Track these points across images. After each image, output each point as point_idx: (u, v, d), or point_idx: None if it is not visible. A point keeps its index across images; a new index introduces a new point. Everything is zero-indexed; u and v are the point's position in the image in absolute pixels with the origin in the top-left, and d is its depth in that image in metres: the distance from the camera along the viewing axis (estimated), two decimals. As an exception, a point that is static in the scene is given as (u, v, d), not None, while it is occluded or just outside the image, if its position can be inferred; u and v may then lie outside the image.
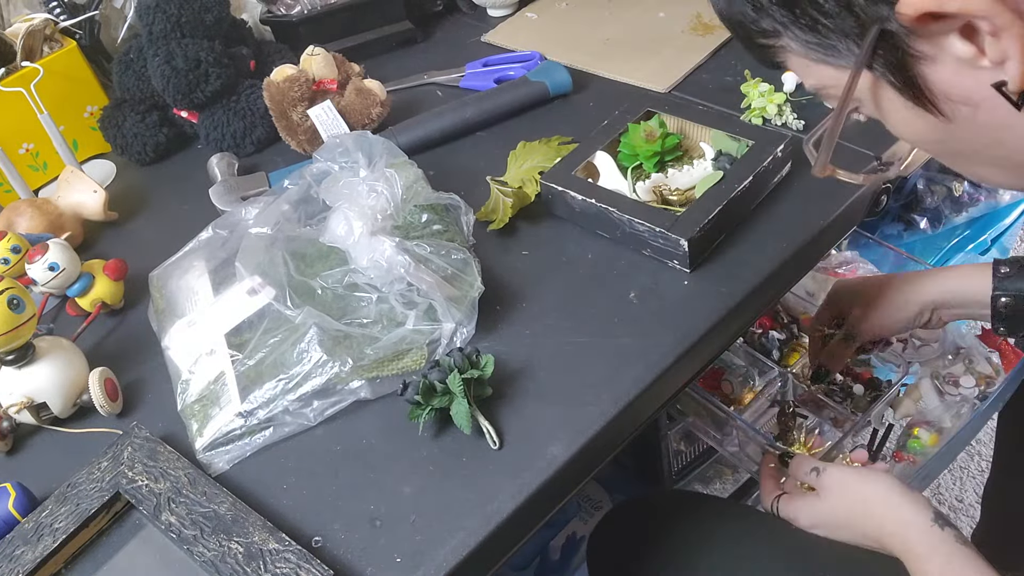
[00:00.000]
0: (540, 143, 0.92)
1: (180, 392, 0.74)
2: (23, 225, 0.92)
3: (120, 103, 1.08)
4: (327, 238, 0.77)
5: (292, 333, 0.73)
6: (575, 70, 1.03)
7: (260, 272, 0.76)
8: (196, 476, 0.66)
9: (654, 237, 0.75)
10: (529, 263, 0.81)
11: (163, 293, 0.83)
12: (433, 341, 0.72)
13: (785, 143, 0.79)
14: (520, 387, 0.70)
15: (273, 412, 0.69)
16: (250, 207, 0.83)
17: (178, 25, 1.00)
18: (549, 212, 0.84)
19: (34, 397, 0.74)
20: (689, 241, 0.73)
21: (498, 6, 1.20)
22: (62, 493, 0.67)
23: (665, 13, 1.11)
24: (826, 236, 0.79)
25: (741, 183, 0.76)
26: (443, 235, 0.79)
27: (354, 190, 0.77)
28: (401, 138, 0.95)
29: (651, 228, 0.75)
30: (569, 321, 0.74)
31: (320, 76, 1.00)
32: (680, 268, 0.75)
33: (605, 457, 0.69)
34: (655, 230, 0.74)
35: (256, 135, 1.05)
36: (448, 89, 1.09)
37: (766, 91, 0.88)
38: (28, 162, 1.07)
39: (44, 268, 0.80)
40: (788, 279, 0.79)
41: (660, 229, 0.74)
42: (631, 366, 0.69)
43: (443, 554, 0.60)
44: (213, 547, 0.61)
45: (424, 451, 0.67)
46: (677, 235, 0.73)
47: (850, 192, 0.80)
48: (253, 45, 1.12)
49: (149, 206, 1.03)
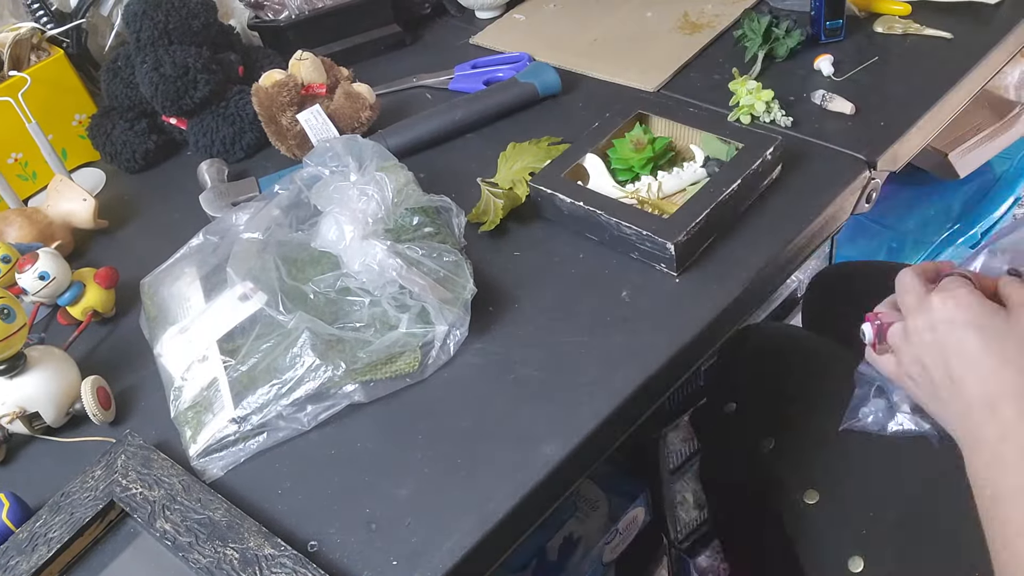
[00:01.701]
0: (530, 144, 0.92)
1: (173, 399, 0.73)
2: (13, 235, 0.92)
3: (108, 111, 1.08)
4: (318, 243, 0.76)
5: (284, 338, 0.72)
6: (564, 71, 1.03)
7: (251, 277, 0.76)
8: (190, 483, 0.66)
9: (641, 240, 0.75)
10: (521, 264, 0.81)
11: (154, 300, 0.83)
12: (426, 344, 0.72)
13: (775, 146, 0.79)
14: (514, 387, 0.70)
15: (267, 417, 0.69)
16: (241, 213, 0.83)
17: (165, 32, 1.00)
18: (539, 215, 0.84)
19: (26, 407, 0.74)
20: (676, 245, 0.72)
21: (486, 8, 1.21)
22: (56, 502, 0.67)
23: (652, 12, 1.12)
24: (816, 233, 0.79)
25: (729, 187, 0.76)
26: (434, 237, 0.79)
27: (345, 194, 0.77)
28: (391, 141, 0.95)
29: (638, 231, 0.75)
30: (561, 321, 0.74)
31: (309, 80, 1.00)
32: (667, 271, 0.75)
33: (599, 456, 0.69)
34: (642, 233, 0.74)
35: (245, 141, 1.05)
36: (437, 91, 1.09)
37: (754, 88, 0.89)
38: (17, 171, 1.07)
39: (34, 277, 0.80)
40: (779, 277, 0.79)
41: (647, 232, 0.74)
42: (624, 365, 0.69)
43: (439, 556, 0.60)
44: (208, 554, 0.61)
45: (419, 453, 0.67)
46: (664, 239, 0.73)
47: (839, 189, 0.80)
48: (241, 51, 1.12)
49: (139, 214, 1.03)
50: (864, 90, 0.91)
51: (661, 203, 0.81)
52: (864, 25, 1.00)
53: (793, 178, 0.82)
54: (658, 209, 0.80)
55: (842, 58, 0.94)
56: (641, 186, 0.82)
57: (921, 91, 0.89)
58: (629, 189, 0.82)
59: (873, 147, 0.83)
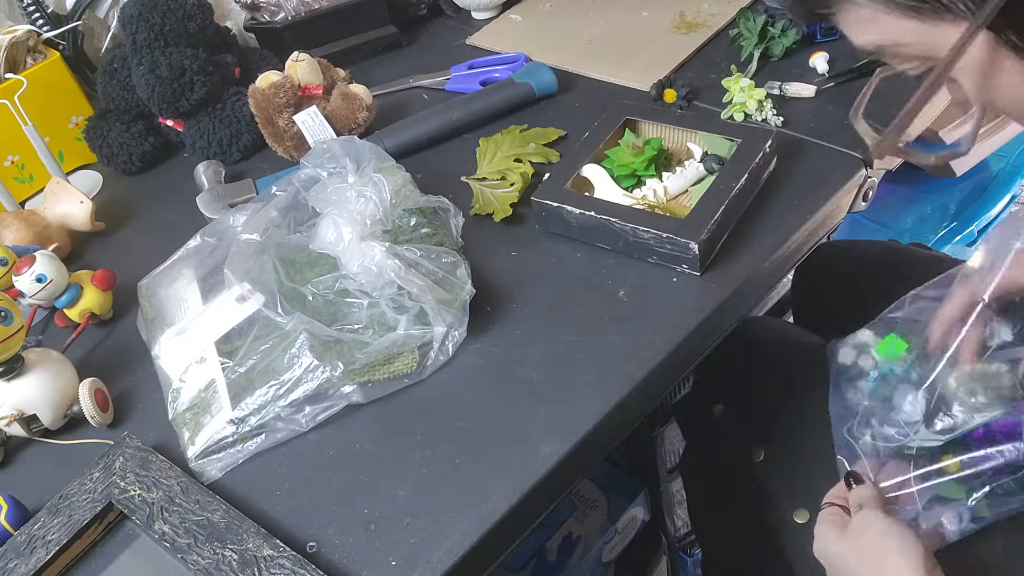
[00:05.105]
0: (501, 134, 0.94)
1: (171, 401, 0.73)
2: (9, 237, 0.92)
3: (105, 113, 1.08)
4: (317, 244, 0.76)
5: (283, 339, 0.72)
6: (560, 71, 1.03)
7: (249, 279, 0.76)
8: (189, 484, 0.66)
9: (661, 243, 0.74)
10: (518, 264, 0.81)
11: (152, 302, 0.83)
12: (424, 344, 0.72)
13: (771, 139, 0.79)
14: (512, 387, 0.70)
15: (265, 418, 0.69)
16: (238, 214, 0.83)
17: (162, 34, 1.00)
18: (544, 229, 0.82)
19: (24, 409, 0.74)
20: (699, 244, 0.72)
21: (482, 9, 1.21)
22: (54, 505, 0.67)
23: (648, 12, 1.12)
24: (813, 232, 0.80)
25: (738, 182, 0.76)
26: (432, 238, 0.79)
27: (342, 196, 0.77)
28: (388, 142, 0.95)
29: (657, 235, 0.74)
30: (559, 321, 0.74)
31: (305, 82, 1.00)
32: (690, 272, 0.75)
33: (598, 456, 0.69)
34: (662, 236, 0.73)
35: (242, 142, 1.05)
36: (434, 92, 1.09)
37: (747, 86, 0.89)
38: (14, 174, 1.07)
39: (32, 280, 0.80)
40: (776, 276, 0.79)
41: (668, 235, 0.73)
42: (622, 364, 0.69)
43: (438, 556, 0.60)
44: (207, 555, 0.61)
45: (417, 454, 0.67)
46: (686, 239, 0.72)
47: (836, 188, 0.80)
48: (237, 52, 1.12)
49: (136, 216, 1.03)
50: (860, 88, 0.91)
51: (669, 205, 0.81)
52: (860, 24, 1.00)
53: (789, 177, 0.82)
54: (668, 211, 0.80)
55: (838, 56, 0.94)
56: (647, 191, 0.81)
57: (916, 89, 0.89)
58: (637, 195, 0.81)
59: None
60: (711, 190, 0.76)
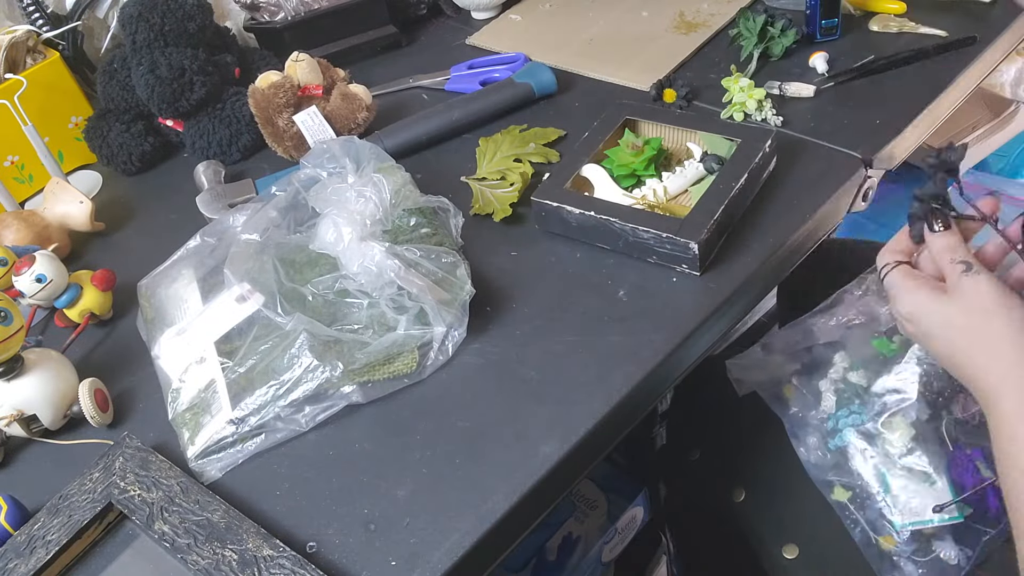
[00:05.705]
0: (501, 134, 0.94)
1: (171, 401, 0.73)
2: (9, 237, 0.92)
3: (105, 113, 1.08)
4: (316, 244, 0.76)
5: (282, 339, 0.72)
6: (560, 71, 1.03)
7: (249, 279, 0.76)
8: (189, 484, 0.66)
9: (660, 243, 0.74)
10: (518, 264, 0.81)
11: (152, 302, 0.83)
12: (424, 344, 0.72)
13: (771, 139, 0.79)
14: (512, 387, 0.70)
15: (265, 418, 0.69)
16: (238, 214, 0.83)
17: (161, 34, 1.00)
18: (543, 229, 0.82)
19: (24, 409, 0.74)
20: (699, 243, 0.72)
21: (482, 9, 1.21)
22: (54, 505, 0.67)
23: (648, 12, 1.12)
24: (812, 232, 0.80)
25: (738, 182, 0.76)
26: (432, 238, 0.79)
27: (342, 196, 0.77)
28: (388, 142, 0.95)
29: (657, 234, 0.74)
30: (559, 321, 0.74)
31: (305, 82, 1.00)
32: (689, 272, 0.75)
33: (598, 456, 0.69)
34: (662, 236, 0.73)
35: (242, 142, 1.05)
36: (434, 92, 1.09)
37: (746, 86, 0.89)
38: (13, 174, 1.07)
39: (31, 280, 0.80)
40: (775, 276, 0.79)
41: (667, 235, 0.73)
42: (621, 364, 0.69)
43: (438, 556, 0.60)
44: (207, 555, 0.61)
45: (417, 454, 0.67)
46: (686, 239, 0.72)
47: (835, 188, 0.80)
48: (237, 52, 1.12)
49: (136, 216, 1.03)
50: (860, 88, 0.91)
51: (669, 205, 0.81)
52: (859, 23, 1.00)
53: (789, 177, 0.82)
54: (667, 211, 0.80)
55: (837, 56, 0.94)
56: (647, 190, 0.81)
57: (917, 89, 0.89)
58: (637, 195, 0.81)
59: (869, 145, 0.83)
60: (711, 190, 0.76)
